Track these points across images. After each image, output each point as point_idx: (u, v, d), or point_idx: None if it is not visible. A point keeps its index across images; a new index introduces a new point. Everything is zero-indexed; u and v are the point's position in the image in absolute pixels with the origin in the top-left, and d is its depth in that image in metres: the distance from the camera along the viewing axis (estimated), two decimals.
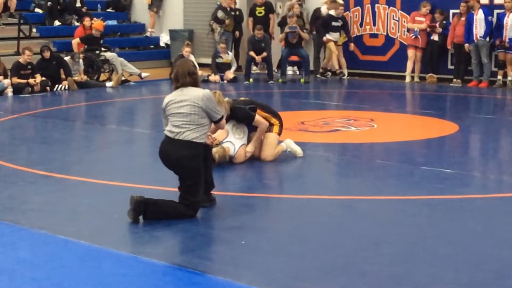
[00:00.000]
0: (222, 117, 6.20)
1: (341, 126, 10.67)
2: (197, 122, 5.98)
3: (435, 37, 15.93)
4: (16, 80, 14.10)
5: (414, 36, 16.05)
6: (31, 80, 14.18)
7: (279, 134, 8.34)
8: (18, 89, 14.07)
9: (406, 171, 7.95)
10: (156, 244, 5.49)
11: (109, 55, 16.12)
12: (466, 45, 15.10)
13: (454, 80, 15.54)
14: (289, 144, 8.44)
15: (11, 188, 7.17)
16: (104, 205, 6.53)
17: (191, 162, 5.98)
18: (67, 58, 15.38)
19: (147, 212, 5.93)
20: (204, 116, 6.02)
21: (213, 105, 6.08)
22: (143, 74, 16.34)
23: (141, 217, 5.94)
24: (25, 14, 17.82)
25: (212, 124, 6.24)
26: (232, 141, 7.99)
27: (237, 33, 17.60)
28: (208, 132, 6.18)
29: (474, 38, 14.96)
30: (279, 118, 8.39)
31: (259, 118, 8.05)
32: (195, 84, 6.09)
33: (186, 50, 15.89)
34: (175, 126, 5.99)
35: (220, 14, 17.45)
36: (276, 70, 17.05)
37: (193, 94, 6.01)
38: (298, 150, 8.43)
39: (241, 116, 8.00)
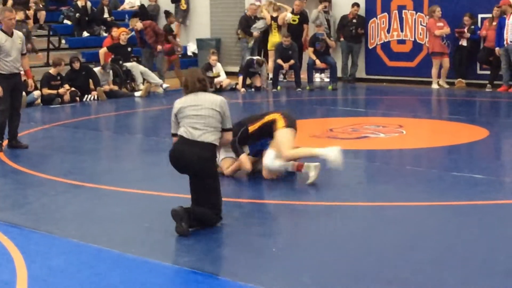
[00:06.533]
0: (231, 128, 6.22)
1: (370, 133, 10.65)
2: (214, 125, 6.02)
3: (463, 42, 15.84)
4: (46, 91, 14.27)
5: (446, 43, 15.87)
6: (61, 90, 14.33)
7: (288, 126, 7.59)
8: (48, 100, 14.24)
9: (436, 177, 7.91)
10: (186, 253, 5.51)
11: (129, 64, 16.24)
12: (497, 49, 14.97)
13: (488, 85, 15.43)
14: (311, 166, 7.59)
15: (43, 198, 7.25)
16: (135, 213, 6.57)
17: (211, 164, 6.03)
18: (97, 69, 15.54)
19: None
20: (220, 121, 6.05)
21: (228, 112, 6.14)
22: (164, 85, 16.43)
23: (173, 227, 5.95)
24: (54, 26, 18.04)
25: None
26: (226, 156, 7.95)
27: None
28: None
29: (505, 42, 14.83)
30: (278, 112, 7.83)
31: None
32: (204, 90, 6.14)
33: (212, 59, 15.97)
34: (194, 128, 5.98)
35: (261, 24, 17.50)
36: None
37: (210, 98, 6.07)
38: (313, 176, 7.58)
39: None
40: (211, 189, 6.02)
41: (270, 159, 7.57)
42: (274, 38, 17.29)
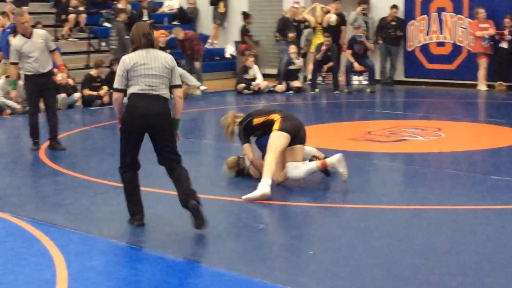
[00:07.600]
0: (180, 85, 6.33)
1: (408, 136, 10.58)
2: (166, 83, 6.20)
3: (504, 45, 15.65)
4: (87, 92, 14.44)
5: (487, 44, 15.70)
6: (101, 92, 14.49)
7: (281, 129, 7.41)
8: (88, 101, 14.41)
9: (475, 180, 7.84)
10: (223, 254, 5.54)
11: None
12: None
13: None
14: (334, 162, 7.51)
15: (83, 199, 7.34)
16: (172, 215, 6.61)
17: (170, 117, 6.30)
18: None
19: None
20: (169, 78, 6.20)
21: (177, 68, 6.30)
22: (202, 87, 16.49)
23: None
24: (94, 29, 18.25)
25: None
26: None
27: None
28: None
29: None
30: (279, 112, 7.76)
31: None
32: (151, 45, 6.18)
33: (249, 60, 15.99)
34: (150, 86, 6.13)
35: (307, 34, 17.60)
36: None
37: (162, 56, 6.15)
38: (344, 171, 7.52)
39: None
40: (172, 138, 6.38)
41: (291, 171, 7.52)
42: (318, 40, 17.18)
